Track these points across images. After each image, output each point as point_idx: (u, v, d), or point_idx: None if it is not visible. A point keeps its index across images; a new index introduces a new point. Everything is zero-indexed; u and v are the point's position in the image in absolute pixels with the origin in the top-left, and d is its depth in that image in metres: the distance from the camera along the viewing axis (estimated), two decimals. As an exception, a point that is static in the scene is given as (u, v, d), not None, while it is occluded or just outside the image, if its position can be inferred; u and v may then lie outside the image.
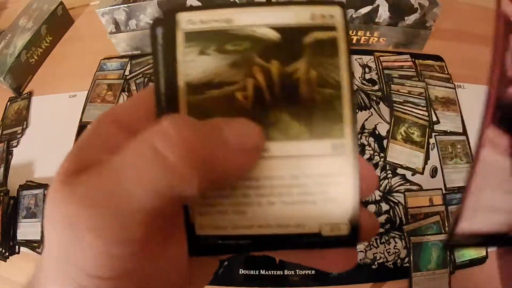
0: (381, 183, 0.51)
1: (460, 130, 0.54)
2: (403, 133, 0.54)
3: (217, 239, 0.15)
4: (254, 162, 0.14)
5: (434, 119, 0.55)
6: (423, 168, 0.51)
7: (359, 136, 0.54)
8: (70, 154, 0.14)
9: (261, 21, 0.14)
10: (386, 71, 0.60)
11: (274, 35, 0.14)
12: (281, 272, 0.46)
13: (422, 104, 0.56)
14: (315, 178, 0.14)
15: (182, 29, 0.14)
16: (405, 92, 0.57)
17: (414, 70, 0.60)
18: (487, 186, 0.14)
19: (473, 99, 0.57)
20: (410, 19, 0.58)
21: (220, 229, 0.15)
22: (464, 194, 0.14)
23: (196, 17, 0.14)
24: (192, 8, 0.15)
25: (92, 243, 0.12)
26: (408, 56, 0.62)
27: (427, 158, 0.52)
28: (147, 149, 0.12)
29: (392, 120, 0.55)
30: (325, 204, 0.15)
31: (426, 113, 0.55)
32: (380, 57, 0.61)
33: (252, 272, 0.46)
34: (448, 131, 0.54)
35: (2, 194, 0.53)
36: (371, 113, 0.56)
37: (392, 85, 0.58)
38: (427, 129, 0.54)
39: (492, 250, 0.47)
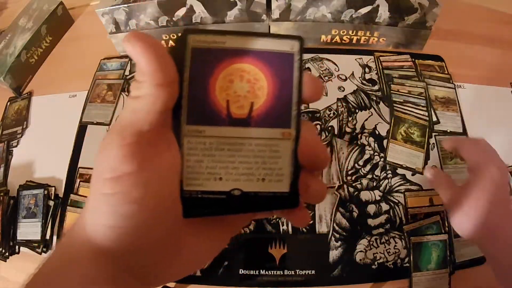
0: (381, 183, 0.51)
1: (460, 130, 0.54)
2: (403, 133, 0.54)
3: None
4: None
5: (434, 119, 0.55)
6: (423, 168, 0.51)
7: (359, 136, 0.54)
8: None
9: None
10: (386, 71, 0.60)
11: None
12: (281, 272, 0.46)
13: (422, 104, 0.56)
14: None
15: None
16: (405, 92, 0.57)
17: (414, 70, 0.60)
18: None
19: (473, 99, 0.57)
20: (410, 19, 0.58)
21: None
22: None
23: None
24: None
25: (108, 149, 0.17)
26: (408, 56, 0.62)
27: (427, 158, 0.52)
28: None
29: (392, 120, 0.55)
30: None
31: (426, 113, 0.55)
32: (380, 57, 0.61)
33: (252, 272, 0.46)
34: (448, 131, 0.54)
35: (2, 194, 0.53)
36: (371, 113, 0.56)
37: (392, 85, 0.58)
38: (427, 129, 0.54)
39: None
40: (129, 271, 0.19)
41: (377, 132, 0.54)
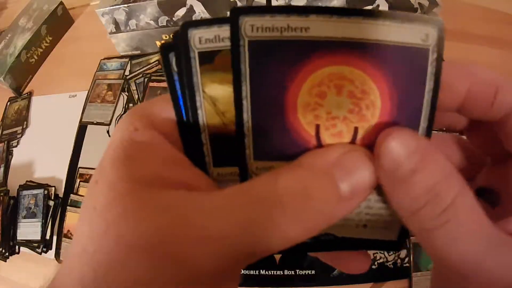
0: (381, 183, 0.51)
1: (460, 130, 0.54)
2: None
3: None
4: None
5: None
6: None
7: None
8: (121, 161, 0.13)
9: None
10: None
11: None
12: (281, 272, 0.46)
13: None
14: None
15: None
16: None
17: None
18: None
19: (473, 99, 0.57)
20: (410, 19, 0.58)
21: None
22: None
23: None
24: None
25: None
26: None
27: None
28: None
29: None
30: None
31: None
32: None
33: (252, 272, 0.46)
34: (444, 129, 0.54)
35: (2, 194, 0.53)
36: (371, 113, 0.55)
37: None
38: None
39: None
40: None
41: (377, 132, 0.54)
